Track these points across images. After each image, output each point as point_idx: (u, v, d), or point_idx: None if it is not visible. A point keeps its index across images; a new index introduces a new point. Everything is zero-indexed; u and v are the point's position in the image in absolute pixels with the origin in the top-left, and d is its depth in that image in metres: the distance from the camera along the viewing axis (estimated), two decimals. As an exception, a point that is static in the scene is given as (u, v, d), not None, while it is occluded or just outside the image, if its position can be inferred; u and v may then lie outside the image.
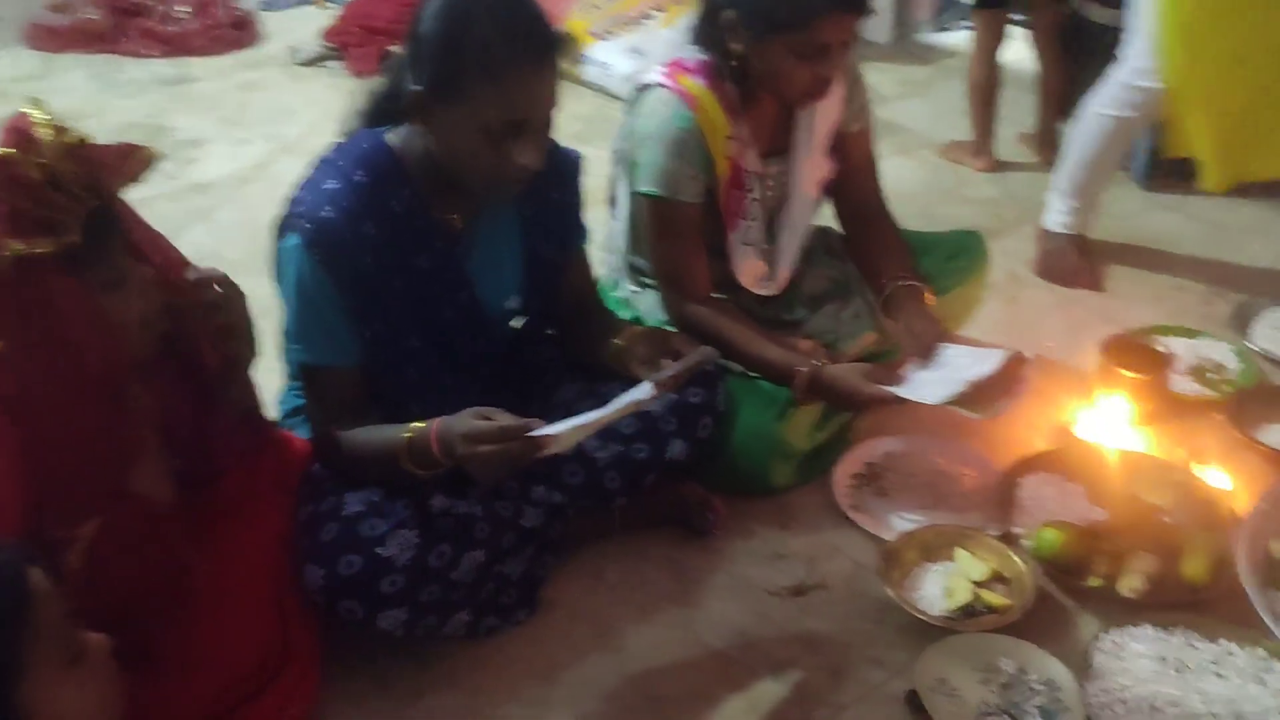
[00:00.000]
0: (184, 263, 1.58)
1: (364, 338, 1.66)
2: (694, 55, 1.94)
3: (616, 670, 1.71)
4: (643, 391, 1.54)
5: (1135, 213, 2.99)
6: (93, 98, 3.79)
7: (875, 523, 1.96)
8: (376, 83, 1.77)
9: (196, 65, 4.04)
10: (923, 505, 2.00)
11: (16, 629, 1.02)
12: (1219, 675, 1.66)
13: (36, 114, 1.31)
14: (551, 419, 1.56)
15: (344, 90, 3.74)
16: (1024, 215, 2.89)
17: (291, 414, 1.87)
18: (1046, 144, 3.20)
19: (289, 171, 3.06)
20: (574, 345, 1.92)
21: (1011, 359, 1.82)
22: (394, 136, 1.68)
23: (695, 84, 1.90)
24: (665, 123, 1.90)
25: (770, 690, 1.67)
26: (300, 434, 1.83)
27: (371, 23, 3.93)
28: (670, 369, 1.59)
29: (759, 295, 2.12)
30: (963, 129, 3.22)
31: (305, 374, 1.69)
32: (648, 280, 2.15)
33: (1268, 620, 1.68)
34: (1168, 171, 3.06)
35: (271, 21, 4.43)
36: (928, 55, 4.10)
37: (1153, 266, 2.76)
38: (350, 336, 1.65)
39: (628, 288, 2.18)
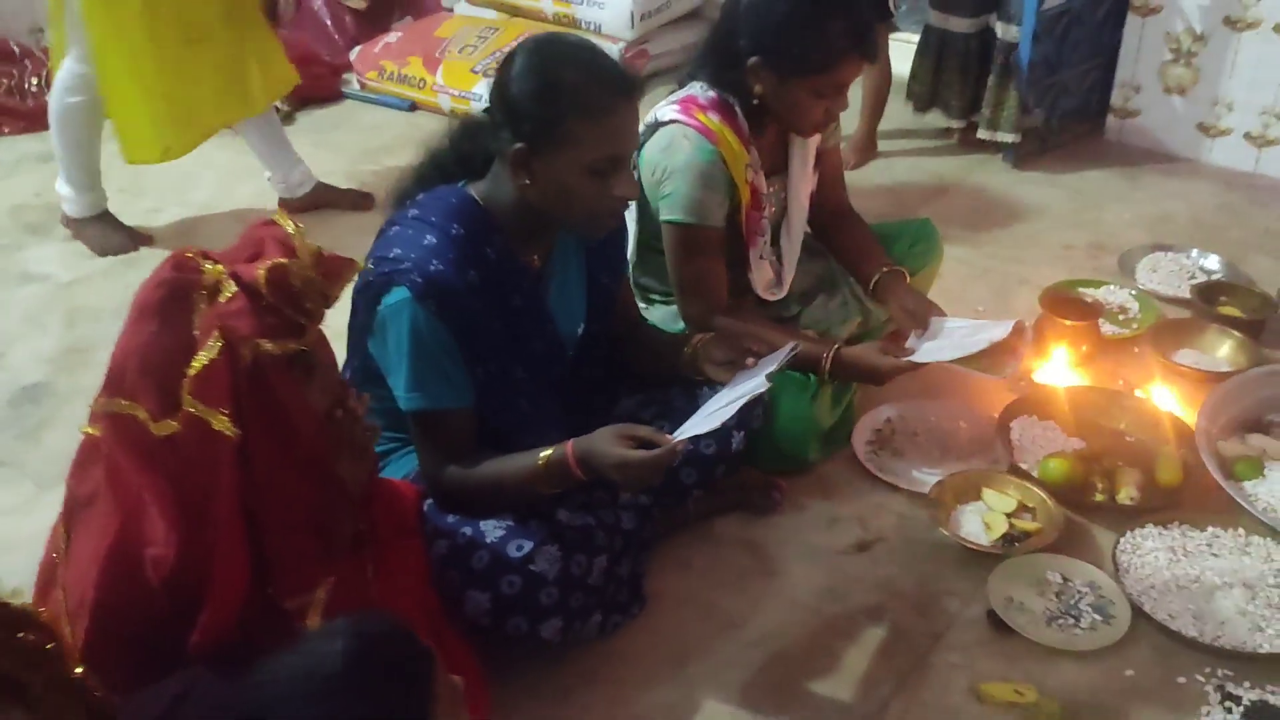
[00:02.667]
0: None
1: (476, 377, 1.79)
2: (703, 92, 2.15)
3: (735, 641, 1.91)
4: (759, 386, 1.74)
5: (1008, 188, 3.43)
6: (-35, 185, 3.61)
7: (902, 479, 2.24)
8: (437, 146, 1.91)
9: (61, 138, 3.90)
10: (933, 458, 2.31)
11: (425, 695, 1.13)
12: (1214, 555, 2.03)
13: (288, 224, 1.40)
14: (667, 426, 1.75)
15: (236, 149, 3.74)
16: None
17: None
18: (864, 148, 3.58)
19: (222, 233, 3.10)
20: (629, 359, 2.10)
21: (1016, 326, 2.12)
22: (475, 189, 1.81)
23: (712, 119, 2.12)
24: (691, 156, 2.10)
25: (873, 633, 1.92)
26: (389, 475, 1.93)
27: (249, 80, 3.92)
28: (772, 362, 1.80)
29: (761, 298, 2.36)
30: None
31: (422, 420, 1.79)
32: (655, 297, 2.36)
33: (1242, 502, 2.07)
34: (1031, 151, 3.53)
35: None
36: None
37: (1038, 233, 3.19)
38: (464, 379, 1.78)
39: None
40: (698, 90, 2.17)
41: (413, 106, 4.04)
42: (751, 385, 1.76)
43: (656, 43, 4.20)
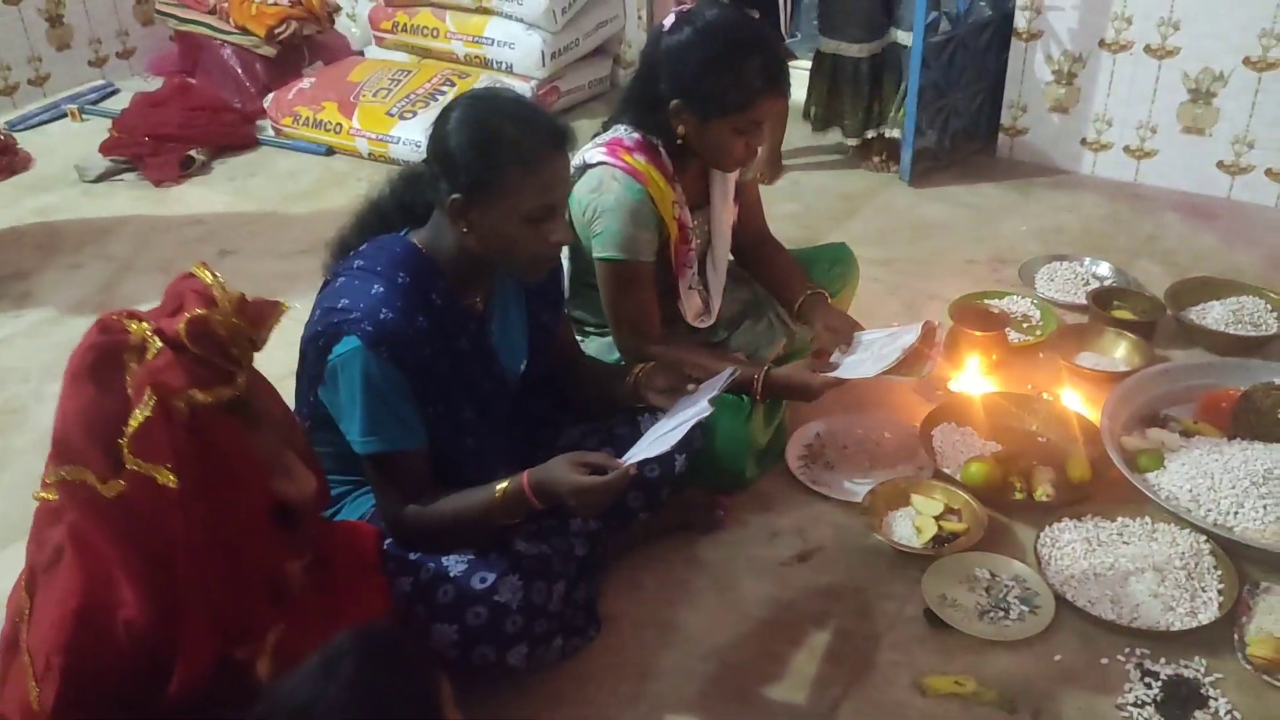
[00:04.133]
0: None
1: (426, 417, 1.85)
2: (628, 134, 2.26)
3: (691, 654, 2.00)
4: (703, 410, 1.84)
5: (910, 207, 3.61)
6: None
7: (835, 490, 2.37)
8: (378, 195, 1.97)
9: (-29, 200, 3.85)
10: (863, 468, 2.43)
11: (436, 695, 1.20)
12: (1125, 543, 2.18)
13: (206, 275, 1.45)
14: (613, 452, 1.84)
15: (152, 200, 3.74)
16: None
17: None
18: (773, 165, 3.80)
19: (143, 290, 3.10)
20: (571, 391, 2.19)
21: (925, 328, 2.25)
22: (418, 237, 1.88)
23: (638, 160, 2.22)
24: (620, 196, 2.20)
25: (819, 638, 2.03)
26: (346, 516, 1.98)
27: (161, 130, 3.92)
28: (713, 387, 1.90)
29: (691, 326, 2.46)
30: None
31: (379, 462, 1.85)
32: (590, 329, 2.45)
33: (1147, 493, 2.23)
34: (926, 170, 3.72)
35: (29, 141, 4.25)
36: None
37: (942, 249, 3.36)
38: (417, 420, 1.84)
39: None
40: (622, 133, 2.27)
41: (329, 151, 4.07)
42: (695, 410, 1.86)
43: (566, 79, 4.31)
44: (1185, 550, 2.13)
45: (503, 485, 1.80)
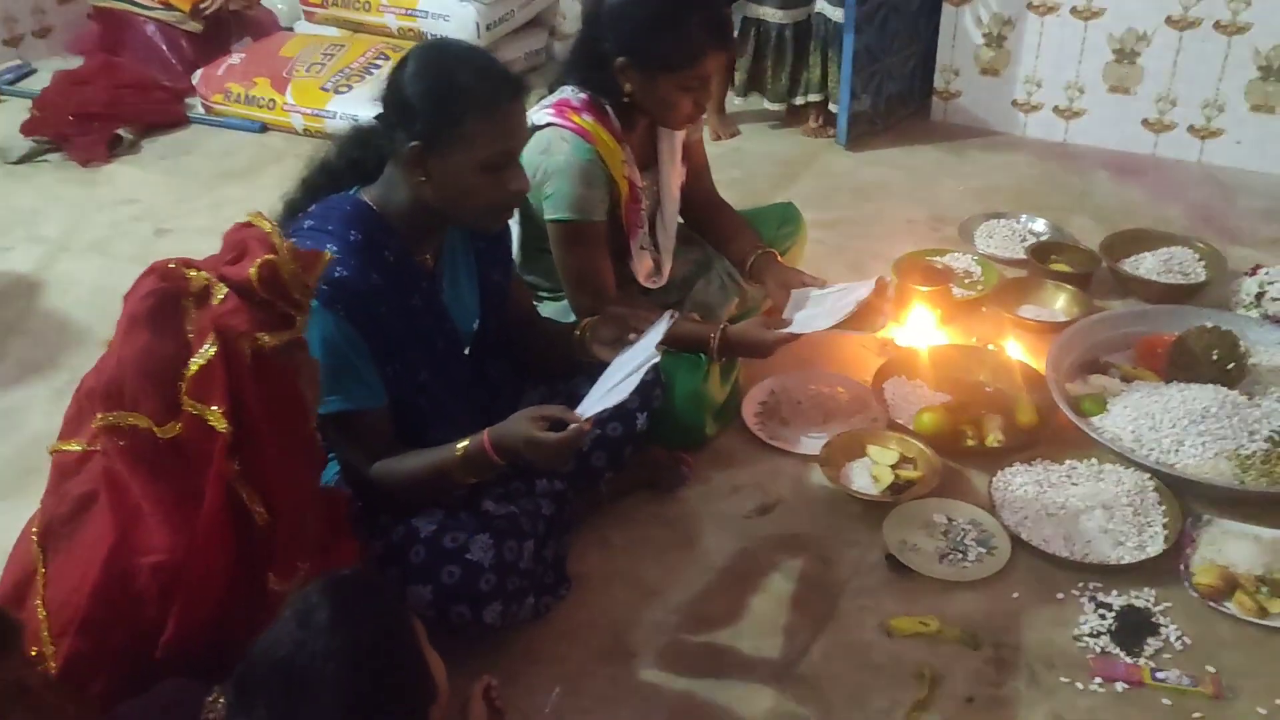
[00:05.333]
0: None
1: (385, 377, 1.85)
2: (575, 94, 2.26)
3: (662, 609, 2.03)
4: (651, 356, 1.83)
5: (849, 171, 3.67)
6: None
7: (792, 444, 2.41)
8: (324, 153, 1.95)
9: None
10: (817, 422, 2.48)
11: (412, 633, 1.21)
12: (1074, 484, 2.26)
13: (265, 224, 1.45)
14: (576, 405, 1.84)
15: (80, 181, 3.65)
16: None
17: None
18: (723, 122, 3.90)
19: (80, 270, 3.04)
20: (530, 354, 2.19)
21: (878, 283, 2.29)
22: (368, 195, 1.86)
23: (586, 120, 2.23)
24: (570, 156, 2.20)
25: (785, 587, 2.07)
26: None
27: (87, 109, 3.82)
28: (656, 333, 1.89)
29: (644, 287, 2.48)
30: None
31: (342, 421, 1.83)
32: (544, 294, 2.45)
33: (1092, 435, 2.31)
34: (862, 134, 3.78)
35: (-57, 124, 4.11)
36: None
37: (882, 210, 3.42)
38: (377, 379, 1.83)
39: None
40: (569, 93, 2.27)
41: (263, 128, 4.00)
42: (644, 357, 1.85)
43: (501, 51, 4.28)
44: (1131, 488, 2.21)
45: (464, 444, 1.80)
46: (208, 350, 1.41)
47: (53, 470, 1.54)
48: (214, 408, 1.42)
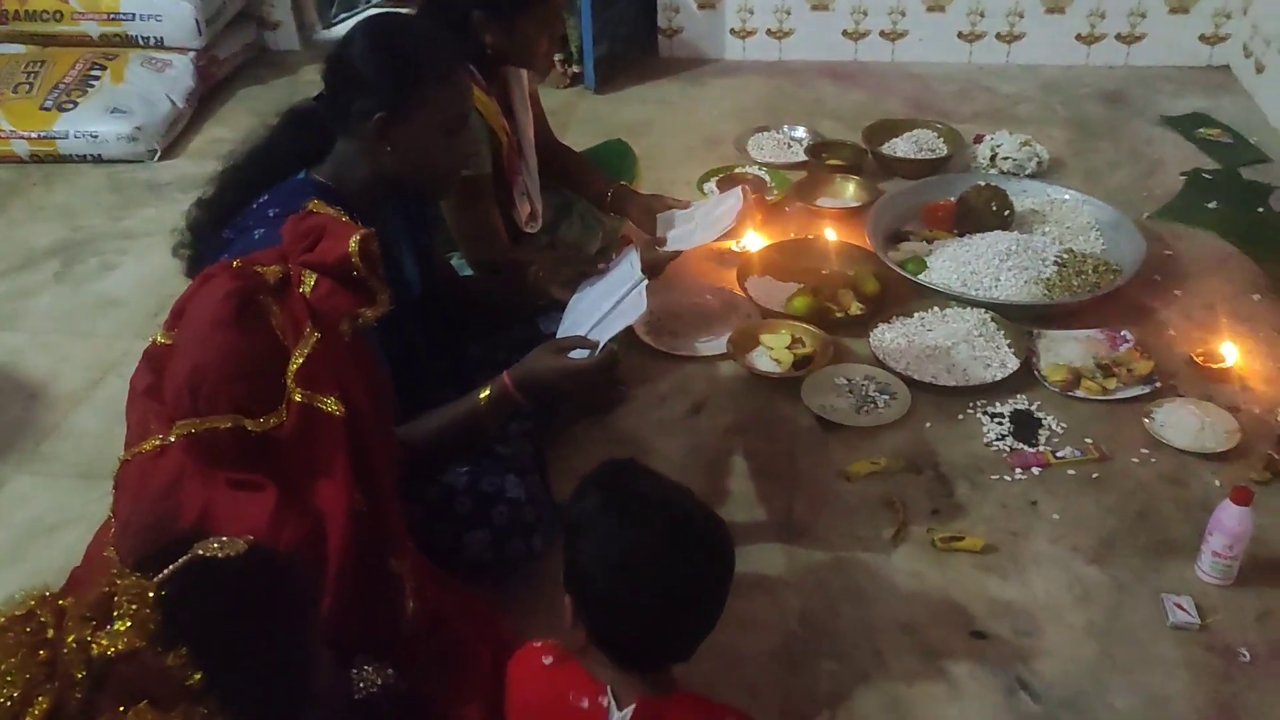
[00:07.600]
0: None
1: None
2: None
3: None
4: (640, 279, 2.00)
5: (612, 112, 3.90)
6: None
7: (692, 350, 2.64)
8: (262, 146, 1.92)
9: None
10: (702, 328, 2.73)
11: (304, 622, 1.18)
12: (928, 329, 2.66)
13: (325, 208, 1.45)
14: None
15: None
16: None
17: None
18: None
19: None
20: (459, 311, 2.25)
21: (744, 194, 2.54)
22: (320, 174, 1.87)
23: None
24: None
25: (743, 465, 2.31)
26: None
27: None
28: (628, 262, 2.06)
29: (523, 232, 2.60)
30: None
31: None
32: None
33: (929, 287, 2.73)
34: (606, 78, 4.02)
35: None
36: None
37: (660, 143, 3.67)
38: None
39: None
40: None
41: (-20, 161, 3.61)
42: (630, 282, 2.02)
43: (221, 47, 4.10)
44: (975, 323, 2.64)
45: (485, 392, 1.88)
46: (310, 337, 1.41)
47: (127, 478, 1.47)
48: (327, 395, 1.43)
